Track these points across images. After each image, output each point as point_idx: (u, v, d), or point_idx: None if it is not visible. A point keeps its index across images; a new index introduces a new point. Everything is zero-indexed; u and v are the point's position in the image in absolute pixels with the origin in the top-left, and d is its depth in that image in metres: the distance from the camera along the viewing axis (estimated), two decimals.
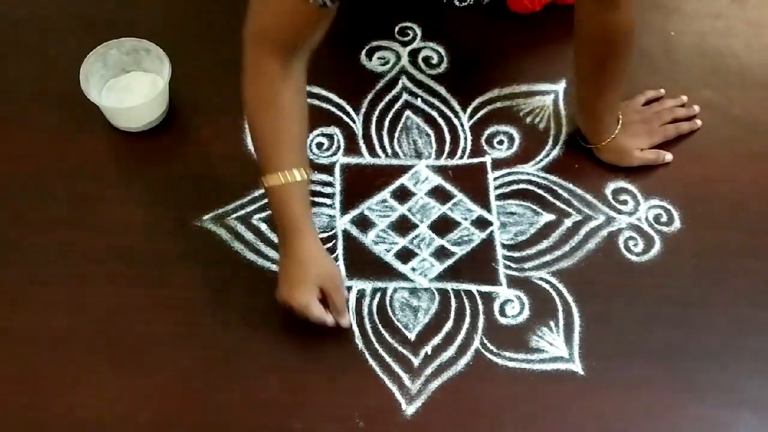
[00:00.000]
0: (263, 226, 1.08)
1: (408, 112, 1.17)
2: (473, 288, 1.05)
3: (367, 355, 1.00)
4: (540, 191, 1.12)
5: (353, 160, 1.14)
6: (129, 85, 1.17)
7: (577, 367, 0.99)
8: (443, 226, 1.09)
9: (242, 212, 1.09)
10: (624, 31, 1.00)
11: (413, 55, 1.23)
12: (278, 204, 0.97)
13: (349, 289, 1.04)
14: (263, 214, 1.09)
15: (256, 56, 0.94)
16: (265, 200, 1.08)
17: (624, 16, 0.98)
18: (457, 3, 1.25)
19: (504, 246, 1.08)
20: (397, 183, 1.12)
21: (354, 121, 1.17)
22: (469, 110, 1.18)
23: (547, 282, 1.05)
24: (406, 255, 1.07)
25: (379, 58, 1.23)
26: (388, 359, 1.00)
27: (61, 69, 1.18)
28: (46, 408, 0.96)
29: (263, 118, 0.96)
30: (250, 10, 0.92)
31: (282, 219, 0.97)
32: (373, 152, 1.14)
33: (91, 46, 1.13)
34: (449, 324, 1.02)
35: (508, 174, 1.13)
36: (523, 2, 1.23)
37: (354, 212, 1.10)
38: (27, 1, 1.28)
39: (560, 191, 1.12)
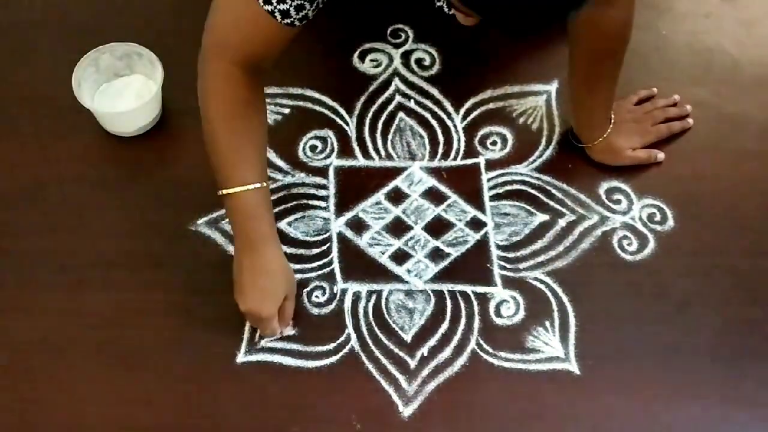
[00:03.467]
0: None
1: (401, 114, 1.18)
2: (468, 289, 1.05)
3: (364, 358, 1.00)
4: (534, 191, 1.12)
5: (347, 162, 1.14)
6: (122, 90, 1.16)
7: (573, 366, 1.00)
8: (438, 227, 1.09)
9: None
10: (619, 28, 0.99)
11: (406, 57, 1.23)
12: (245, 213, 0.95)
13: (344, 291, 1.04)
14: None
15: (219, 67, 0.92)
16: None
17: (620, 13, 0.97)
18: (446, 10, 1.25)
19: (498, 247, 1.08)
20: (391, 185, 1.12)
21: (347, 124, 1.17)
22: (462, 111, 1.18)
23: (542, 282, 1.05)
24: (401, 257, 1.07)
25: (371, 60, 1.22)
26: (385, 361, 1.00)
27: (53, 74, 1.18)
28: (41, 414, 0.96)
29: (228, 129, 0.94)
30: (209, 21, 0.92)
31: (250, 229, 0.95)
32: (366, 154, 1.14)
33: (83, 51, 1.13)
34: (445, 325, 1.02)
35: (502, 175, 1.13)
36: None
37: (348, 215, 1.10)
38: (18, 7, 1.28)
39: (554, 191, 1.12)
